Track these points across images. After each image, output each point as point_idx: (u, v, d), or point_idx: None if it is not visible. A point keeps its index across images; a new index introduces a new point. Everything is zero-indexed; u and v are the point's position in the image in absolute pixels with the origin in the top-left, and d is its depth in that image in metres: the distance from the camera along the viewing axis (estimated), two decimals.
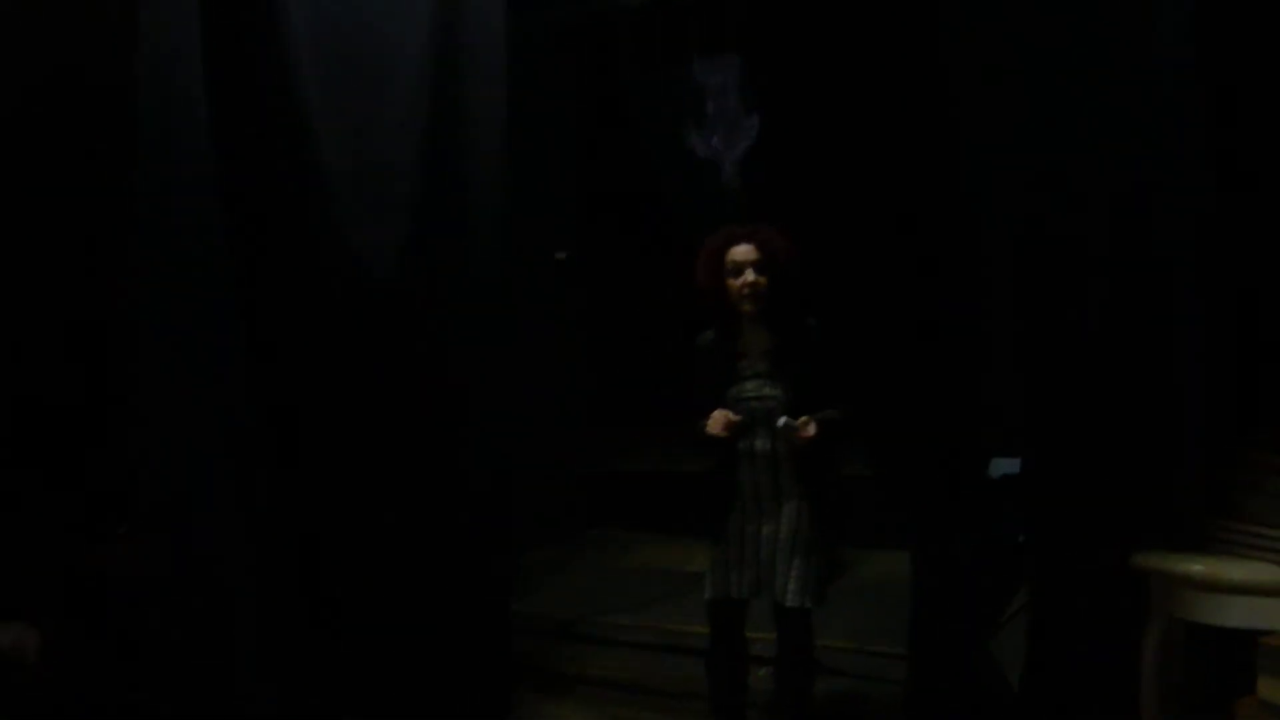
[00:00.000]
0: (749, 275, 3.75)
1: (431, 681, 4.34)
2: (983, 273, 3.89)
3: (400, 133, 4.41)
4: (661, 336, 6.04)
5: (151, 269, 3.79)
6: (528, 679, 4.93)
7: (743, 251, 3.78)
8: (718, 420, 3.70)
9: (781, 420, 3.66)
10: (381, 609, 4.31)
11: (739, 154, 7.01)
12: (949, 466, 3.93)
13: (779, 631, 3.88)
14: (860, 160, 3.92)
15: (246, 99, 4.06)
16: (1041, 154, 3.58)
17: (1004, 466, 4.84)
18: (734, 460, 3.81)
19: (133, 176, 3.73)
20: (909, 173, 3.80)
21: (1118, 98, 3.44)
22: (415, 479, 4.40)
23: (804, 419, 3.64)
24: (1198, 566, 3.36)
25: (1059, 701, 3.63)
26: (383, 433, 4.34)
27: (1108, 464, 3.50)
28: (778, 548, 3.77)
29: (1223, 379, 3.39)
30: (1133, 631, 3.52)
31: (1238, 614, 3.27)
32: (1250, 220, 3.38)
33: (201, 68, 3.85)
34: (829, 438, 3.68)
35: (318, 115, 4.21)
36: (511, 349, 4.65)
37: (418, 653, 4.32)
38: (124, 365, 3.86)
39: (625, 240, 7.96)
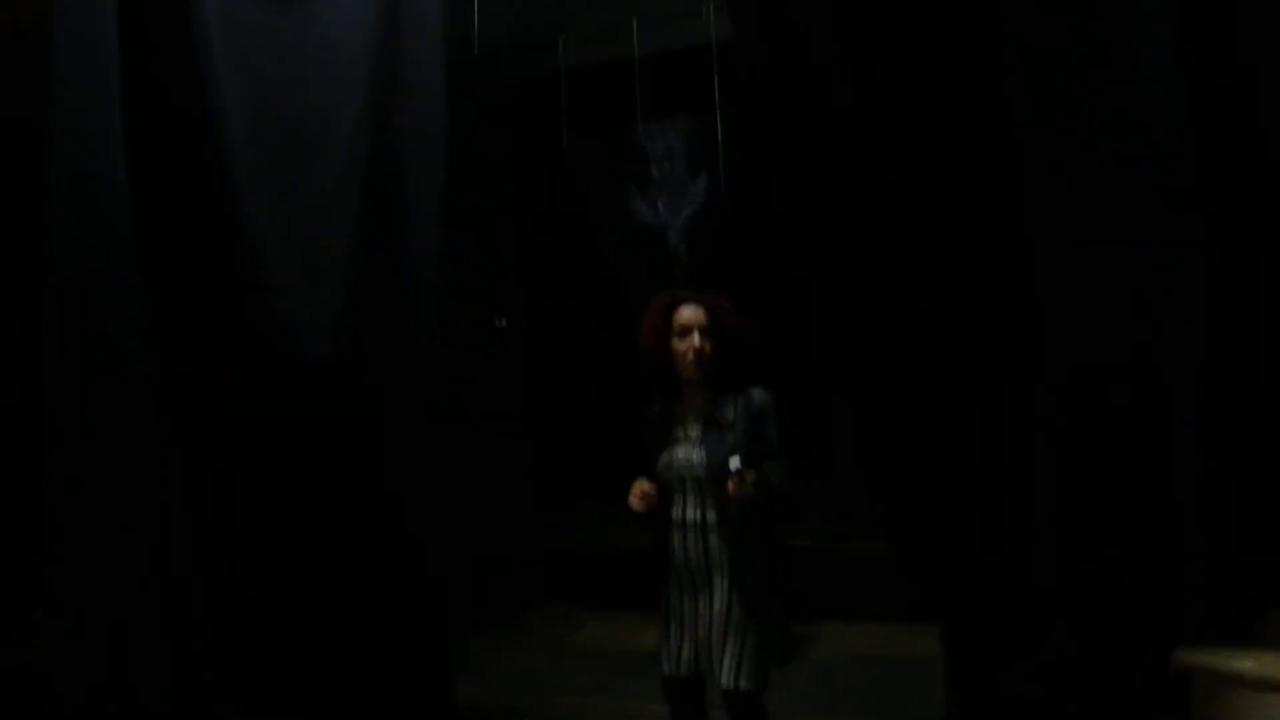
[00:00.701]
0: (694, 339, 3.58)
1: None
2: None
3: (334, 197, 4.28)
4: (605, 405, 5.93)
5: (66, 349, 3.58)
6: None
7: (690, 314, 3.62)
8: (634, 492, 3.51)
9: (733, 461, 3.41)
10: (324, 696, 4.12)
11: (684, 220, 6.96)
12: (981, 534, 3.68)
13: (728, 715, 3.65)
14: (825, 233, 3.79)
15: (167, 157, 3.91)
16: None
17: None
18: (666, 531, 3.64)
19: (44, 246, 3.51)
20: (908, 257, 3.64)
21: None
22: (352, 560, 4.23)
23: (751, 474, 3.39)
24: (1248, 664, 3.05)
25: None
26: (318, 514, 4.17)
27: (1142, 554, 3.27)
28: (713, 624, 3.57)
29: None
30: None
31: None
32: None
33: (120, 123, 3.71)
34: (765, 500, 3.46)
35: (245, 176, 4.05)
36: (451, 422, 4.53)
37: None
38: (46, 452, 3.61)
39: (567, 308, 7.83)
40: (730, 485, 3.38)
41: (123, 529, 3.67)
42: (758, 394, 3.62)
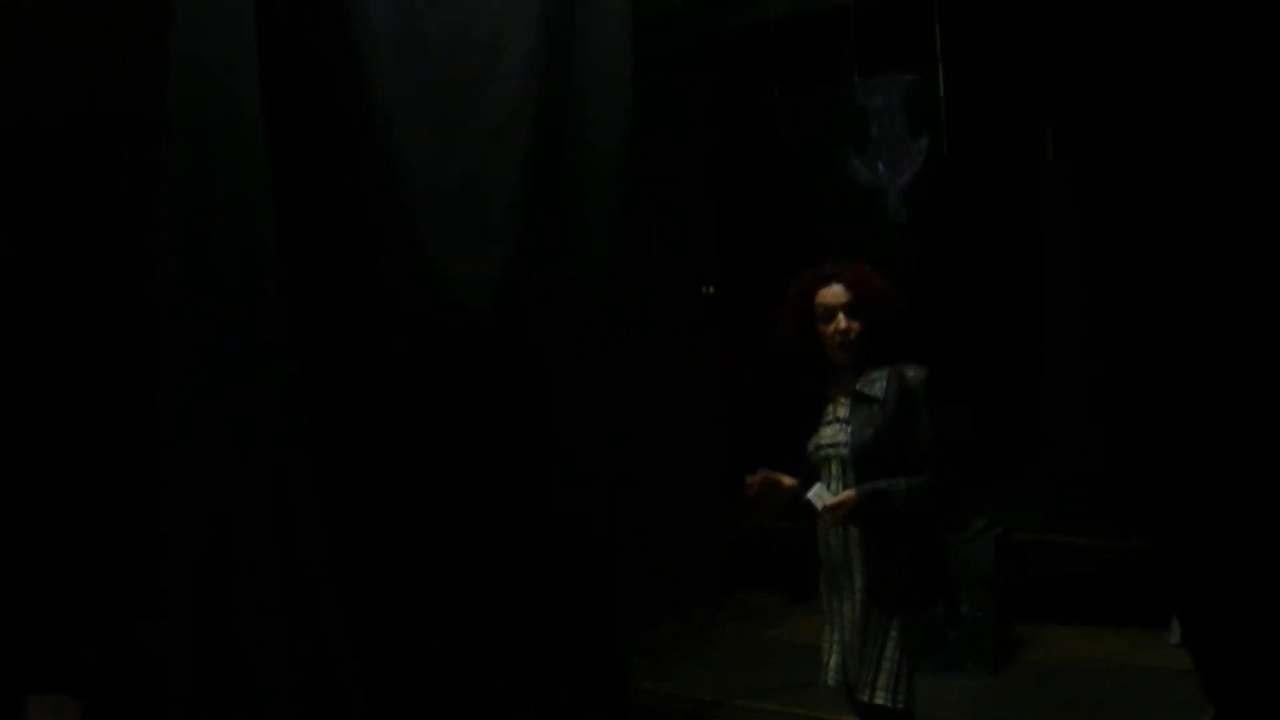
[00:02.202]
0: (840, 321, 3.42)
1: None
2: None
3: (499, 144, 3.91)
4: (810, 380, 5.51)
5: (187, 304, 3.31)
6: None
7: (832, 294, 3.46)
8: (750, 483, 3.49)
9: (809, 494, 3.32)
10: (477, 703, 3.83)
11: (906, 182, 6.51)
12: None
13: None
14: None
15: (304, 93, 3.61)
16: None
17: None
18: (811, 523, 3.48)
19: (163, 196, 3.26)
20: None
21: None
22: (514, 548, 3.89)
23: (844, 495, 3.28)
24: None
25: None
26: (472, 504, 3.84)
27: None
28: (853, 628, 3.38)
29: None
30: None
31: None
32: None
33: (251, 52, 3.39)
34: (877, 514, 3.30)
35: (396, 118, 3.74)
36: (630, 396, 4.24)
37: None
38: (157, 419, 3.36)
39: (774, 277, 7.22)
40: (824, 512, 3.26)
41: (240, 519, 3.41)
42: (912, 371, 3.42)
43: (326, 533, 3.47)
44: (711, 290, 7.12)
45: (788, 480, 3.48)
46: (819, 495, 3.31)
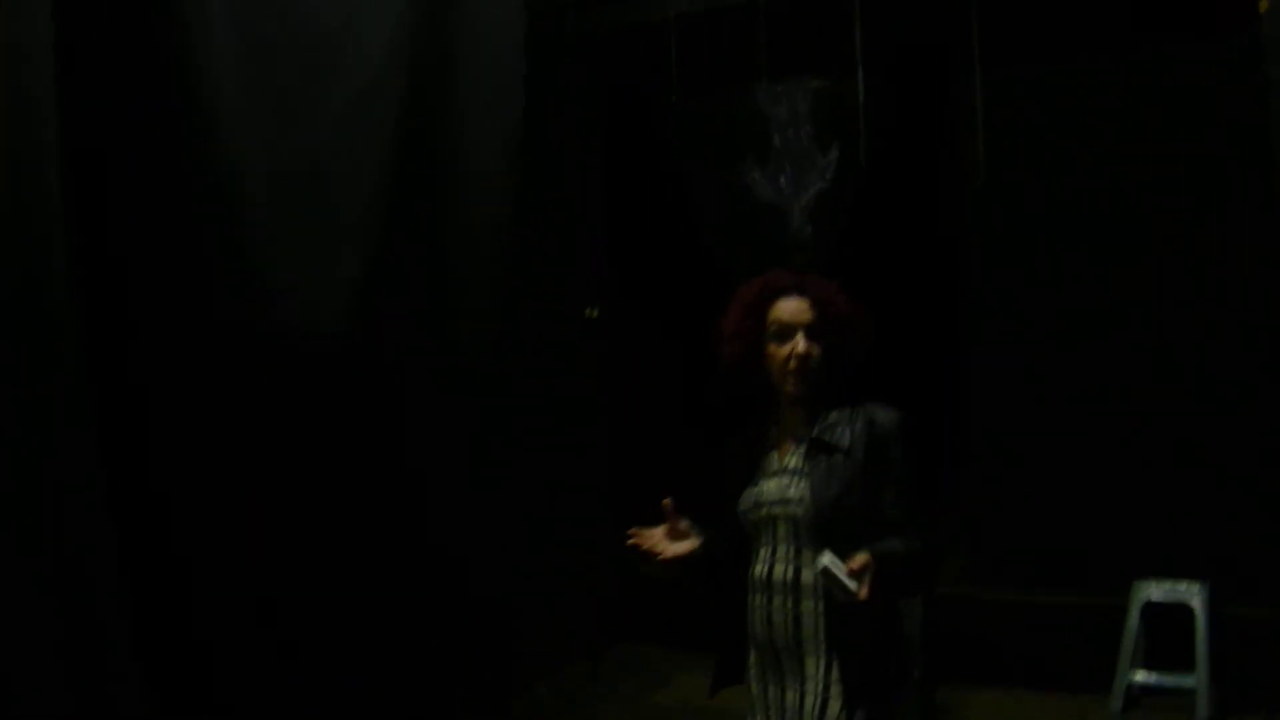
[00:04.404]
0: (799, 343, 2.79)
1: None
2: None
3: (351, 133, 3.44)
4: (707, 413, 4.94)
5: None
6: None
7: (792, 309, 2.84)
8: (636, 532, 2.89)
9: (823, 561, 2.57)
10: None
11: (811, 199, 6.14)
12: None
13: None
14: None
15: (114, 71, 3.00)
16: None
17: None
18: (740, 592, 2.89)
19: None
20: None
21: None
22: (357, 595, 3.48)
23: (859, 559, 2.56)
24: None
25: None
26: (299, 535, 3.36)
27: None
28: None
29: None
30: None
31: None
32: None
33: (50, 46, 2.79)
34: (890, 582, 2.61)
35: (225, 106, 3.19)
36: (504, 431, 3.95)
37: None
38: None
39: (663, 300, 6.75)
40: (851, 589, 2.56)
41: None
42: (883, 413, 2.84)
43: (118, 557, 2.94)
44: (596, 313, 6.53)
45: (675, 548, 2.85)
46: (836, 564, 2.56)
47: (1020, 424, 5.60)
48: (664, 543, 2.84)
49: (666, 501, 2.85)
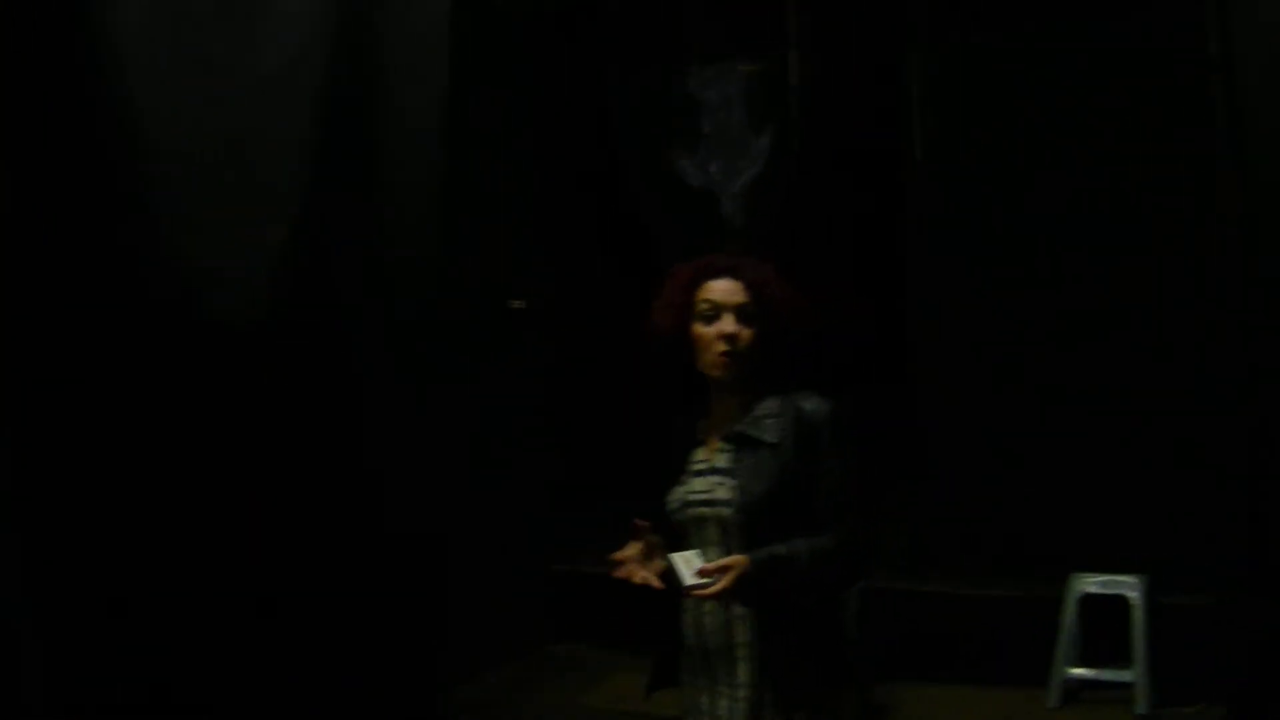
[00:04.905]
0: (727, 324, 2.70)
1: None
2: None
3: (275, 96, 3.24)
4: (644, 403, 4.96)
5: None
6: None
7: (723, 290, 2.75)
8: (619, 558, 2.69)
9: (680, 555, 2.58)
10: None
11: (743, 185, 6.09)
12: None
13: None
14: None
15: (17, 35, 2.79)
16: None
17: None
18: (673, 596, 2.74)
19: None
20: None
21: None
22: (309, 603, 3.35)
23: (727, 561, 2.54)
24: None
25: None
26: (259, 551, 3.22)
27: None
28: None
29: None
30: None
31: None
32: None
33: None
34: (772, 590, 2.60)
35: (144, 68, 2.97)
36: (435, 416, 3.78)
37: None
38: None
39: (599, 287, 6.67)
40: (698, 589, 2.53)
41: None
42: (812, 404, 2.74)
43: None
44: (521, 304, 6.42)
45: (641, 574, 2.66)
46: (689, 560, 2.54)
47: (960, 415, 5.53)
48: (642, 567, 2.66)
49: (639, 521, 2.69)
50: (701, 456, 2.80)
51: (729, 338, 2.69)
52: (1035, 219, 5.35)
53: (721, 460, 2.75)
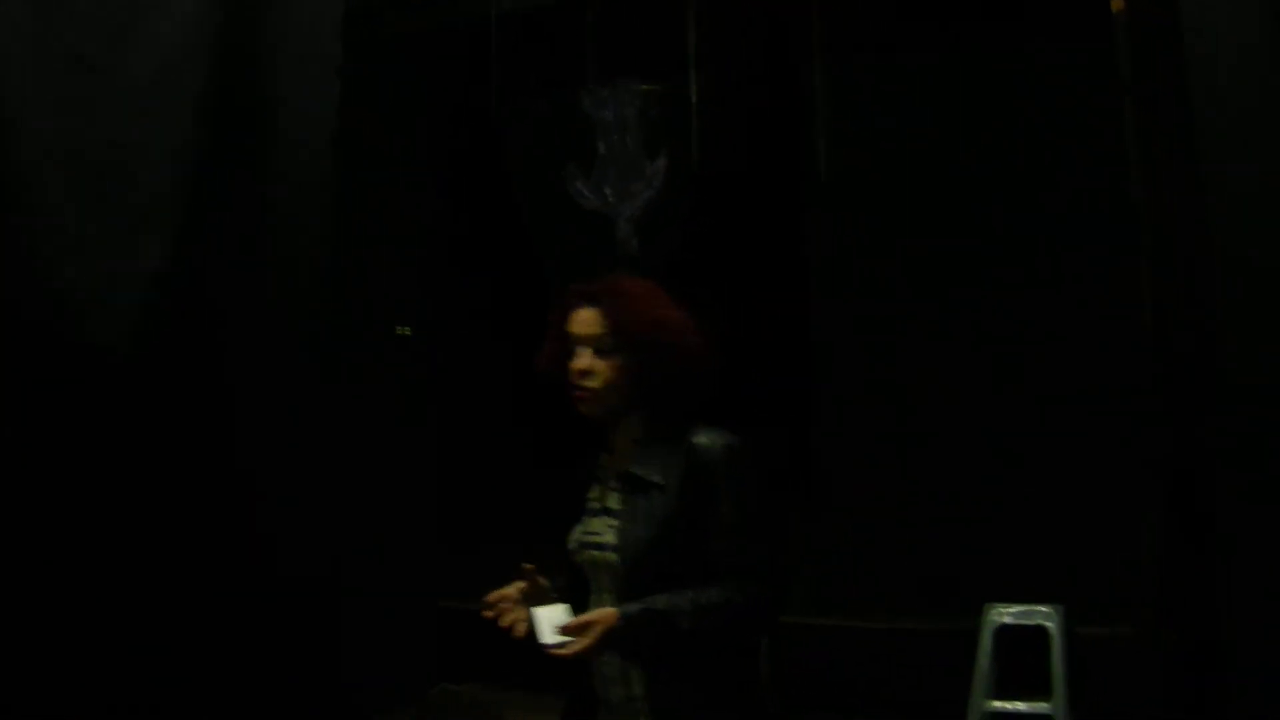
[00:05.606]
0: (582, 359, 2.61)
1: None
2: None
3: (154, 104, 3.11)
4: (536, 433, 5.07)
5: None
6: None
7: (580, 321, 2.65)
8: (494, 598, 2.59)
9: (541, 611, 2.47)
10: None
11: (639, 208, 5.90)
12: None
13: None
14: None
15: None
16: None
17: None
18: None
19: None
20: None
21: None
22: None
23: (591, 616, 2.44)
24: None
25: None
26: (134, 576, 3.05)
27: None
28: None
29: None
30: None
31: None
32: None
33: None
34: (651, 647, 2.49)
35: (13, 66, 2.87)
36: (327, 447, 3.62)
37: None
38: None
39: (490, 313, 6.60)
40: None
41: None
42: (705, 438, 2.60)
43: None
44: (408, 331, 6.33)
45: (510, 618, 2.53)
46: (552, 616, 2.41)
47: (870, 445, 5.47)
48: (514, 610, 2.53)
49: (528, 566, 2.57)
50: (595, 495, 2.70)
51: (582, 373, 2.59)
52: (940, 244, 5.32)
53: (613, 501, 2.65)
